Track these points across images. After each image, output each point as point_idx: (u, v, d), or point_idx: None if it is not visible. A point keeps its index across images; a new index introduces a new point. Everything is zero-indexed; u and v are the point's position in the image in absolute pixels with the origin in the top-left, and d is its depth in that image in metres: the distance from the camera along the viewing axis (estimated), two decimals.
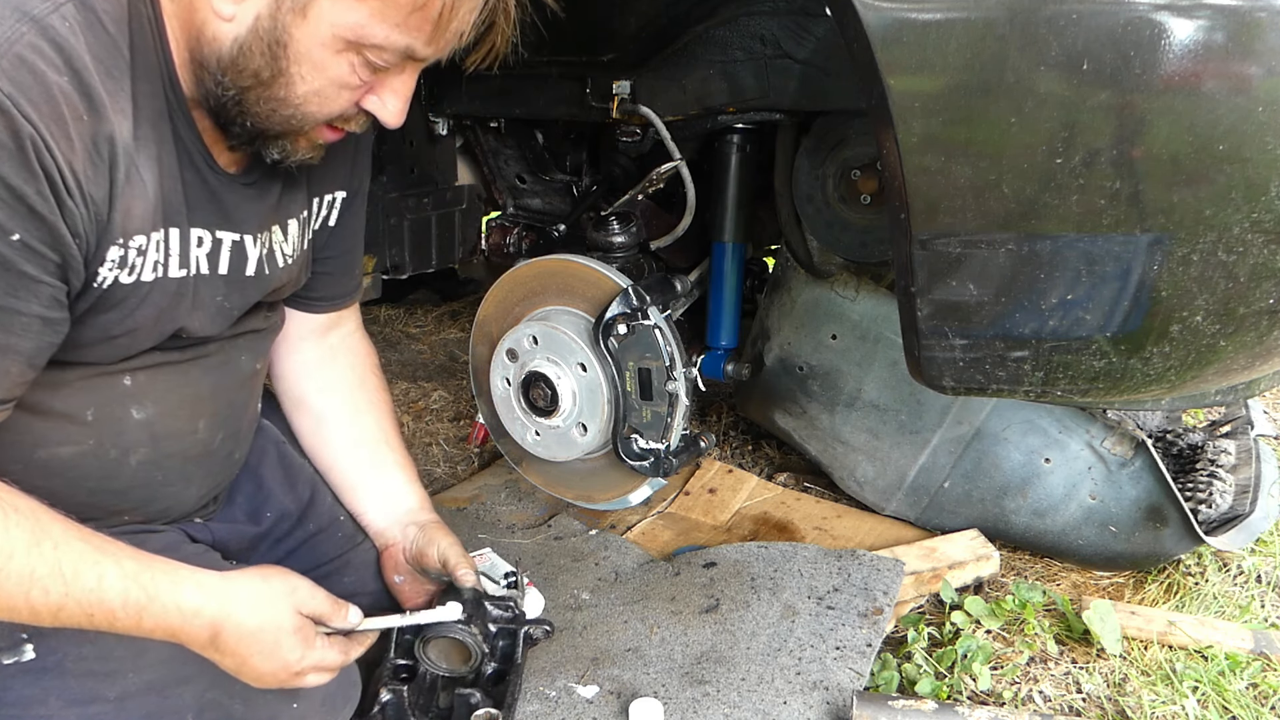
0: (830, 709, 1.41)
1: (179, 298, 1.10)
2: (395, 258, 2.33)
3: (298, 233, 1.29)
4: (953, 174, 1.11)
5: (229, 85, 1.01)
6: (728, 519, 2.08)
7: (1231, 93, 1.03)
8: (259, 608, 1.07)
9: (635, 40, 1.66)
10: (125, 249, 1.01)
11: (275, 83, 1.00)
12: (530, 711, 1.41)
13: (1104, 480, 1.84)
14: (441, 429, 2.58)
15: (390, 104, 1.07)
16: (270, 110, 1.03)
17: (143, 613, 0.99)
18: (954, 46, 1.06)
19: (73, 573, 0.95)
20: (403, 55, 1.02)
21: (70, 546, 0.96)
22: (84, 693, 1.08)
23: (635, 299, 1.71)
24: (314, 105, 1.03)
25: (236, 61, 0.99)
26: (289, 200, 1.25)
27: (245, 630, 1.06)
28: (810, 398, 2.10)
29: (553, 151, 2.42)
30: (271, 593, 1.09)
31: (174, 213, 1.07)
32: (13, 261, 0.90)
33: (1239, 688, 1.52)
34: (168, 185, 1.05)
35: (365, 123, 1.11)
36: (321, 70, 1.00)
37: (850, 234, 1.80)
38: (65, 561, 0.95)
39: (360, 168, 1.41)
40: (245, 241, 1.17)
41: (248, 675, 1.09)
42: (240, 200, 1.15)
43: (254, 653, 1.07)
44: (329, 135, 1.11)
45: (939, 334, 1.23)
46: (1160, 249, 1.11)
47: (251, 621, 1.06)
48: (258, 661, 1.07)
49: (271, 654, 1.08)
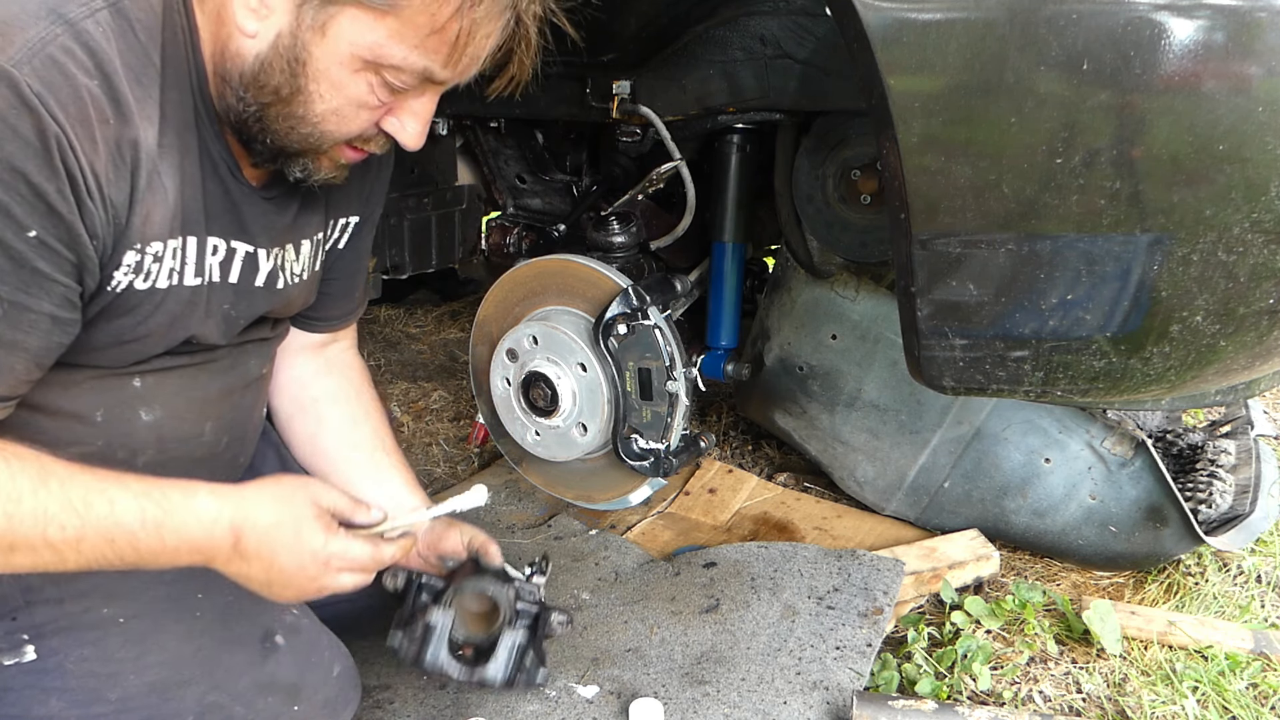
0: (830, 709, 1.41)
1: (192, 306, 1.11)
2: (395, 258, 2.33)
3: (310, 253, 1.29)
4: (953, 174, 1.11)
5: (250, 101, 1.02)
6: (728, 519, 2.08)
7: (1231, 93, 1.03)
8: (276, 502, 1.05)
9: (635, 40, 1.66)
10: (142, 254, 1.02)
11: (294, 100, 1.01)
12: (530, 711, 1.41)
13: (1104, 480, 1.84)
14: (441, 429, 2.58)
15: (409, 126, 1.08)
16: (289, 128, 1.03)
17: (162, 528, 0.98)
18: (954, 46, 1.06)
19: (84, 504, 0.94)
20: (421, 77, 1.02)
21: (76, 480, 0.95)
22: (85, 694, 1.09)
23: (635, 299, 1.71)
24: (332, 124, 1.04)
25: (258, 77, 1.00)
26: (305, 220, 1.25)
27: (265, 524, 1.03)
28: (810, 398, 2.10)
29: (553, 151, 2.41)
30: (286, 488, 1.07)
31: (193, 221, 1.07)
32: (27, 258, 0.90)
33: (1239, 688, 1.52)
34: (188, 193, 1.05)
35: (385, 144, 1.12)
36: (340, 89, 1.01)
37: (850, 234, 1.80)
38: (74, 494, 0.94)
39: (375, 195, 1.42)
40: (259, 255, 1.18)
41: (278, 580, 1.05)
42: (259, 213, 1.16)
43: (278, 547, 1.04)
44: (350, 155, 1.11)
45: (939, 334, 1.23)
46: (1160, 249, 1.11)
47: (270, 515, 1.04)
48: (284, 558, 1.04)
49: (295, 544, 1.04)
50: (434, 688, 1.46)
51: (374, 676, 1.49)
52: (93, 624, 1.11)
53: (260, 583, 1.05)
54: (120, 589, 1.14)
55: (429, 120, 1.10)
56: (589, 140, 2.36)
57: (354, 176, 1.33)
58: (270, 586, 1.06)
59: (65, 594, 1.11)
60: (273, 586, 1.06)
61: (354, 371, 1.53)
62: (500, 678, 1.29)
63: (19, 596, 1.10)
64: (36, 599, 1.10)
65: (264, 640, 1.20)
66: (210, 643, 1.16)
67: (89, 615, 1.11)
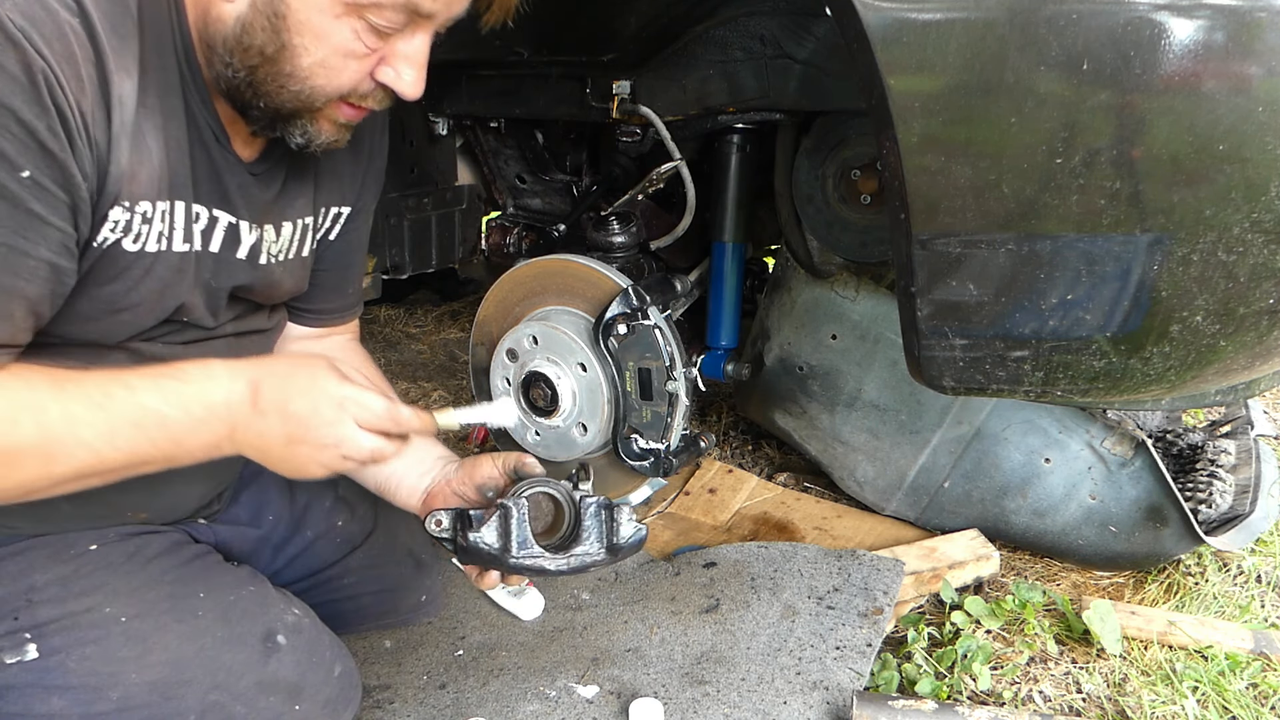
0: (830, 709, 1.41)
1: (181, 273, 1.10)
2: (395, 258, 2.34)
3: (293, 236, 1.28)
4: (953, 174, 1.11)
5: (238, 66, 1.01)
6: (728, 519, 2.08)
7: (1231, 93, 1.03)
8: (291, 360, 1.08)
9: (635, 40, 1.66)
10: (131, 214, 1.01)
11: (280, 57, 0.99)
12: (530, 711, 1.41)
13: (1104, 480, 1.84)
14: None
15: (405, 74, 1.04)
16: (279, 87, 1.01)
17: (184, 398, 0.98)
18: (954, 46, 1.06)
19: (104, 395, 0.95)
20: (406, 12, 0.99)
21: (89, 379, 0.96)
22: (87, 693, 1.09)
23: (635, 299, 1.71)
24: (322, 78, 1.01)
25: (241, 40, 0.99)
26: (289, 201, 1.24)
27: (281, 373, 1.04)
28: (810, 398, 2.10)
29: (553, 151, 2.42)
30: (302, 356, 1.09)
31: (180, 186, 1.06)
32: (21, 198, 0.89)
33: (1239, 688, 1.52)
34: (175, 158, 1.04)
35: (385, 98, 1.08)
36: (324, 39, 0.98)
37: (850, 234, 1.80)
38: (92, 391, 0.95)
39: (369, 187, 1.40)
40: (241, 227, 1.16)
41: (296, 431, 1.03)
42: (241, 184, 1.15)
43: (293, 392, 1.03)
44: (348, 113, 1.08)
45: (939, 334, 1.24)
46: (1160, 249, 1.11)
47: (286, 368, 1.05)
48: (299, 402, 1.02)
49: (310, 388, 1.04)
50: (434, 687, 1.47)
51: (374, 676, 1.49)
52: (95, 623, 1.11)
53: (279, 441, 1.03)
54: (122, 588, 1.14)
55: (424, 65, 1.06)
56: (589, 140, 2.36)
57: (345, 164, 1.32)
58: (290, 444, 1.04)
59: (67, 593, 1.12)
60: (292, 443, 1.04)
61: (353, 352, 1.51)
62: (600, 551, 1.19)
63: (21, 596, 1.10)
64: (38, 598, 1.10)
65: (265, 640, 1.20)
66: (212, 642, 1.16)
67: (91, 614, 1.11)
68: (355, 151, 1.33)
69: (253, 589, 1.25)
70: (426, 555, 1.63)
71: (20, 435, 0.92)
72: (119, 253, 1.02)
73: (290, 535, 1.45)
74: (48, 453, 0.93)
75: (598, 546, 1.21)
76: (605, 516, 1.23)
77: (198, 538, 1.31)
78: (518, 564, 1.17)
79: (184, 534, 1.28)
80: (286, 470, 1.06)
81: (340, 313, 1.49)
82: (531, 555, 1.17)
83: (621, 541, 1.21)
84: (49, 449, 0.93)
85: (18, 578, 1.11)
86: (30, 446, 0.92)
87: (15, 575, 1.11)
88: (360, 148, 1.35)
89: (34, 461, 0.93)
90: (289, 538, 1.45)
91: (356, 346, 1.54)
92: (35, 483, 0.95)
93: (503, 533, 1.17)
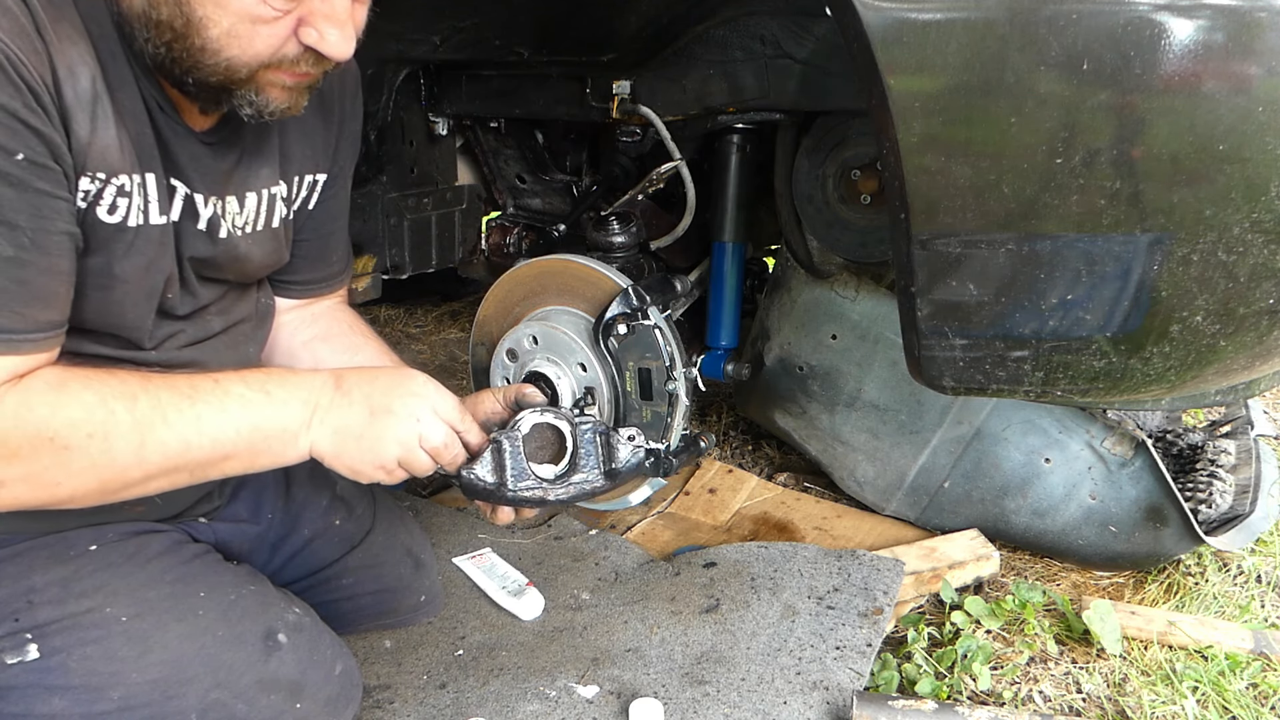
0: (830, 709, 1.41)
1: (163, 247, 1.11)
2: (395, 258, 2.33)
3: (259, 207, 1.25)
4: (953, 174, 1.11)
5: (157, 43, 0.99)
6: (728, 519, 2.08)
7: (1231, 93, 1.03)
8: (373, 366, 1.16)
9: (635, 40, 1.66)
10: (105, 185, 1.01)
11: (189, 31, 0.97)
12: (530, 711, 1.41)
13: (1104, 480, 1.84)
14: None
15: (329, 34, 0.99)
16: (197, 61, 0.99)
17: (267, 382, 1.07)
18: (954, 46, 1.06)
19: (189, 386, 1.01)
20: None
21: (173, 374, 1.05)
22: (88, 692, 1.09)
23: (635, 299, 1.71)
24: (235, 48, 0.98)
25: (149, 16, 0.98)
26: (250, 172, 1.22)
27: (364, 371, 1.15)
28: (810, 398, 2.10)
29: (553, 151, 2.42)
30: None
31: (148, 157, 1.06)
32: (26, 181, 0.90)
33: (1239, 688, 1.52)
34: (135, 130, 1.04)
35: (319, 60, 1.03)
36: (226, 7, 0.95)
37: (850, 234, 1.80)
38: (178, 382, 1.02)
39: (344, 151, 1.38)
40: (196, 199, 1.15)
41: (380, 406, 1.11)
42: (193, 155, 1.13)
43: (379, 378, 1.13)
44: (287, 79, 1.04)
45: (939, 334, 1.24)
46: (1160, 249, 1.11)
47: (369, 369, 1.16)
48: (384, 380, 1.12)
49: (394, 375, 1.14)
50: (434, 687, 1.47)
51: (374, 676, 1.49)
52: (95, 623, 1.11)
53: (362, 416, 1.10)
54: (122, 588, 1.14)
55: (348, 22, 1.01)
56: (589, 140, 2.36)
57: (316, 131, 1.32)
58: (374, 415, 1.10)
59: (67, 594, 1.12)
60: (375, 414, 1.10)
61: (343, 313, 1.52)
62: (599, 478, 1.19)
63: (22, 597, 1.10)
64: (39, 599, 1.10)
65: (266, 638, 1.20)
66: (212, 641, 1.16)
67: (91, 614, 1.11)
68: (325, 117, 1.33)
69: (253, 588, 1.25)
70: (426, 555, 1.63)
71: (115, 422, 0.96)
72: (95, 222, 1.02)
73: (286, 533, 1.45)
74: (140, 439, 0.97)
75: (596, 473, 1.21)
76: (601, 441, 1.22)
77: (197, 537, 1.31)
78: (516, 496, 1.17)
79: (184, 533, 1.28)
80: (356, 455, 1.11)
81: (326, 282, 1.49)
82: (529, 487, 1.17)
83: (620, 465, 1.21)
84: (141, 435, 0.96)
85: (18, 579, 1.11)
86: (124, 431, 0.96)
87: (15, 576, 1.11)
88: (330, 113, 1.34)
89: (128, 446, 0.97)
90: (285, 536, 1.45)
91: (345, 307, 1.55)
92: (128, 472, 0.99)
93: (497, 467, 1.18)
